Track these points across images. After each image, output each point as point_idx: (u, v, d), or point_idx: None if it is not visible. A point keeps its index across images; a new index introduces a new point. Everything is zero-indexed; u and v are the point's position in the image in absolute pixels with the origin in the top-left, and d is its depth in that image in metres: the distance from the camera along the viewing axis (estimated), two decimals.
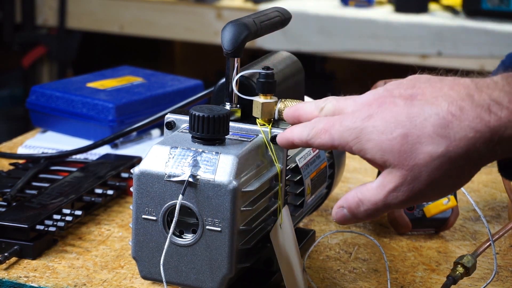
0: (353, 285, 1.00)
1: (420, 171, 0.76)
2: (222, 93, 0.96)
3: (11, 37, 3.01)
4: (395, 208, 0.80)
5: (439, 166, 0.76)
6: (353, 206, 0.81)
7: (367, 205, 0.80)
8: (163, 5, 2.80)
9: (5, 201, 1.12)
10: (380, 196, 0.79)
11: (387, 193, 0.79)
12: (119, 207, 1.19)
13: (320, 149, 0.84)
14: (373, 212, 0.80)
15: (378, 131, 0.78)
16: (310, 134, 0.83)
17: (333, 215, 0.83)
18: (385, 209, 0.80)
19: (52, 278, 0.98)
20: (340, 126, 0.80)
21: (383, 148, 0.77)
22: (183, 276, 0.89)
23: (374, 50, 2.58)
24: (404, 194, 0.78)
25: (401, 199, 0.78)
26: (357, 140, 0.79)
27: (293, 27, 2.55)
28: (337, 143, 0.81)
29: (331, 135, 0.81)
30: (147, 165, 0.88)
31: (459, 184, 0.79)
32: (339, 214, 0.82)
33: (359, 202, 0.81)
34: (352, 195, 0.81)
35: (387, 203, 0.79)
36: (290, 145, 0.87)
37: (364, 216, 0.81)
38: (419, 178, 0.77)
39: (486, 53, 2.48)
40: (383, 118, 0.78)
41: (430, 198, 0.81)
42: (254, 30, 0.94)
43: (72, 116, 1.41)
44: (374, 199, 0.80)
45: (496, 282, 1.02)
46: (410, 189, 0.77)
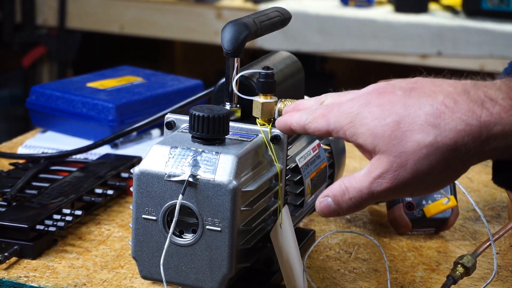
0: (353, 285, 1.00)
1: (407, 159, 0.77)
2: (222, 93, 0.96)
3: (11, 37, 3.01)
4: (379, 199, 0.80)
5: (425, 155, 0.76)
6: (338, 194, 0.81)
7: (352, 193, 0.80)
8: (163, 5, 2.80)
9: (5, 201, 1.12)
10: (366, 183, 0.79)
11: (373, 179, 0.79)
12: (119, 207, 1.19)
13: (315, 135, 0.84)
14: (358, 200, 0.80)
15: (372, 116, 0.79)
16: (308, 118, 0.84)
17: (316, 205, 0.84)
18: (370, 197, 0.80)
19: (52, 278, 0.98)
20: (338, 111, 0.81)
21: (375, 133, 0.78)
22: (183, 276, 0.89)
23: (374, 50, 2.58)
24: (389, 182, 0.78)
25: (386, 186, 0.78)
26: (352, 124, 0.80)
27: (293, 27, 2.55)
28: (332, 127, 0.81)
29: (327, 119, 0.82)
30: (147, 165, 0.88)
31: (444, 181, 0.79)
32: (323, 203, 0.83)
33: (344, 190, 0.81)
34: (338, 184, 0.82)
35: (372, 190, 0.79)
36: (287, 130, 0.87)
37: (348, 205, 0.81)
38: (405, 166, 0.77)
39: (486, 53, 2.48)
40: (380, 105, 0.79)
41: (415, 192, 0.80)
42: (254, 30, 0.94)
43: (72, 116, 1.41)
44: (359, 186, 0.80)
45: (496, 282, 1.02)
46: (396, 177, 0.78)
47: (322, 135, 0.84)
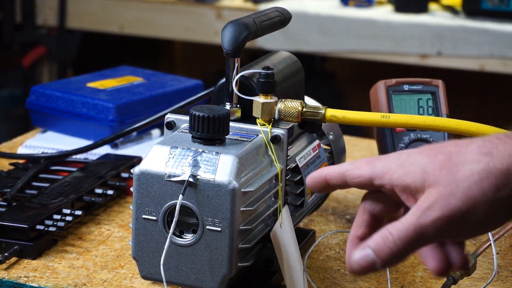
0: (353, 285, 1.00)
1: (458, 186, 0.72)
2: (222, 93, 0.96)
3: (11, 37, 3.01)
4: (429, 236, 0.72)
5: (477, 181, 0.72)
6: (380, 241, 0.73)
7: (397, 234, 0.73)
8: (163, 5, 2.80)
9: (5, 201, 1.12)
10: (413, 219, 0.73)
11: (421, 212, 0.72)
12: (119, 207, 1.19)
13: (354, 183, 0.78)
14: (404, 242, 0.72)
15: (423, 156, 0.75)
16: (349, 166, 0.78)
17: (349, 259, 0.75)
18: (417, 235, 0.72)
19: (52, 278, 0.98)
20: (385, 158, 0.76)
21: (425, 169, 0.74)
22: (183, 276, 0.89)
23: (374, 50, 2.58)
24: (439, 211, 0.72)
25: (435, 216, 0.72)
26: (401, 166, 0.75)
27: (293, 27, 2.55)
28: (378, 172, 0.76)
29: (373, 165, 0.77)
30: (147, 165, 0.88)
31: (495, 217, 0.73)
32: (360, 255, 0.74)
33: (387, 234, 0.73)
34: (379, 232, 0.74)
35: (420, 224, 0.72)
36: (321, 183, 0.80)
37: (392, 251, 0.73)
38: (456, 194, 0.72)
39: (486, 53, 2.48)
40: (430, 149, 0.75)
41: (466, 227, 0.73)
42: (254, 30, 0.94)
43: (72, 116, 1.41)
44: (406, 224, 0.73)
45: (496, 282, 1.02)
46: (446, 205, 0.72)
47: (362, 184, 0.78)
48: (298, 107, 0.93)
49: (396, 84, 1.14)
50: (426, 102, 1.14)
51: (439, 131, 0.94)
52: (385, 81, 1.14)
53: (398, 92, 1.14)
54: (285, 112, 0.93)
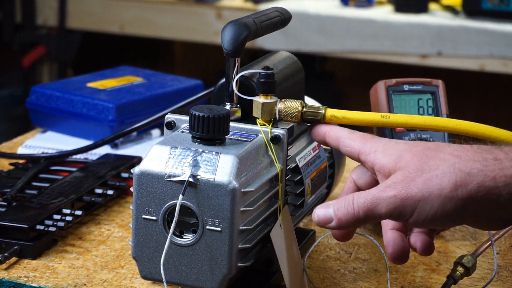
0: (353, 285, 1.00)
1: (421, 175, 0.78)
2: (222, 93, 0.96)
3: (11, 37, 3.01)
4: (382, 210, 0.79)
5: (439, 176, 0.78)
6: (341, 201, 0.82)
7: (357, 199, 0.81)
8: (163, 5, 2.80)
9: (5, 201, 1.12)
10: (374, 191, 0.80)
11: (383, 187, 0.80)
12: (119, 207, 1.19)
13: (344, 151, 0.88)
14: (361, 206, 0.80)
15: (405, 144, 0.82)
16: (347, 135, 0.88)
17: (313, 211, 0.83)
18: (372, 206, 0.80)
19: (52, 278, 0.98)
20: (377, 139, 0.86)
21: (401, 154, 0.81)
22: (183, 276, 0.89)
23: (374, 50, 2.58)
24: (397, 191, 0.79)
25: (392, 193, 0.79)
26: (384, 148, 0.83)
27: (293, 27, 2.55)
28: (366, 149, 0.85)
29: (365, 142, 0.86)
30: (147, 165, 0.88)
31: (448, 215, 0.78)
32: (321, 207, 0.83)
33: (350, 198, 0.81)
34: (345, 196, 0.83)
35: (377, 196, 0.79)
36: (321, 136, 0.91)
37: (348, 211, 0.81)
38: (416, 181, 0.78)
39: (486, 53, 2.48)
40: (416, 141, 0.84)
41: (415, 214, 0.79)
42: (254, 30, 0.94)
43: (72, 116, 1.41)
44: (367, 193, 0.81)
45: (496, 282, 1.02)
46: (404, 188, 0.79)
47: (351, 154, 0.87)
48: (298, 107, 0.93)
49: (396, 84, 1.14)
50: (426, 102, 1.14)
51: (439, 131, 0.94)
52: (385, 81, 1.14)
53: (398, 92, 1.14)
54: (285, 112, 0.93)
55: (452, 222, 0.81)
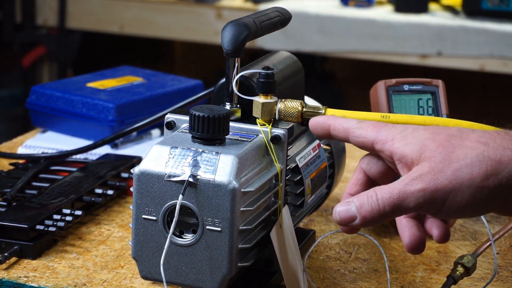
0: (353, 285, 1.00)
1: (449, 165, 0.75)
2: (222, 93, 0.96)
3: (11, 37, 3.01)
4: (410, 205, 0.76)
5: (468, 165, 0.75)
6: (364, 198, 0.78)
7: (381, 194, 0.77)
8: (163, 5, 2.80)
9: (5, 201, 1.12)
10: (400, 184, 0.76)
11: (409, 180, 0.76)
12: (119, 207, 1.19)
13: (355, 142, 0.82)
14: (386, 202, 0.76)
15: (426, 132, 0.79)
16: (356, 124, 0.83)
17: (334, 210, 0.79)
18: (399, 200, 0.76)
19: (52, 278, 0.98)
20: (391, 126, 0.81)
21: (424, 143, 0.77)
22: (183, 276, 0.89)
23: (374, 50, 2.58)
24: (425, 183, 0.75)
25: (420, 187, 0.75)
26: (403, 135, 0.79)
27: (293, 27, 2.55)
28: (381, 137, 0.80)
29: (378, 129, 0.81)
30: (147, 165, 0.88)
31: (479, 205, 0.76)
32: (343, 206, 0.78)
33: (372, 193, 0.77)
34: (366, 191, 0.78)
35: (404, 191, 0.75)
36: (324, 130, 0.86)
37: (372, 208, 0.77)
38: (445, 172, 0.75)
39: (486, 53, 2.48)
40: (436, 127, 0.79)
41: (446, 206, 0.76)
42: (254, 30, 0.94)
43: (72, 116, 1.41)
44: (392, 187, 0.76)
45: (496, 282, 1.02)
46: (433, 180, 0.75)
47: (364, 145, 0.82)
48: (298, 107, 0.93)
49: (396, 84, 1.14)
50: (426, 102, 1.14)
51: None
52: (385, 81, 1.14)
53: (398, 92, 1.14)
54: (285, 112, 0.93)
55: (480, 212, 0.78)
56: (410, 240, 0.80)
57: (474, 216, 0.79)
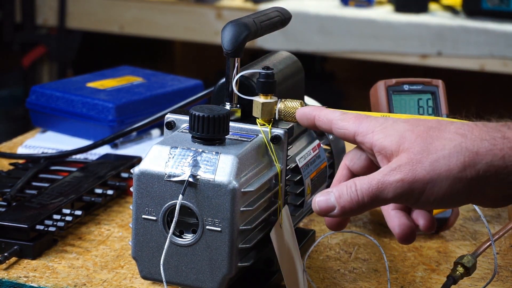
0: (353, 285, 1.00)
1: (427, 156, 0.76)
2: (222, 93, 0.96)
3: (11, 37, 3.01)
4: (389, 195, 0.76)
5: (446, 156, 0.76)
6: (343, 188, 0.79)
7: (360, 184, 0.78)
8: (163, 5, 2.80)
9: (5, 201, 1.12)
10: (379, 175, 0.77)
11: (388, 171, 0.77)
12: (119, 207, 1.19)
13: (337, 133, 0.83)
14: (365, 192, 0.77)
15: (406, 124, 0.79)
16: (339, 116, 0.84)
17: (313, 200, 0.80)
18: (378, 191, 0.77)
19: (52, 278, 0.98)
20: (373, 119, 0.82)
21: (403, 135, 0.78)
22: (183, 276, 0.89)
23: (374, 50, 2.58)
24: (403, 173, 0.76)
25: (399, 177, 0.76)
26: (383, 127, 0.80)
27: (293, 27, 2.55)
28: (362, 130, 0.81)
29: (360, 122, 0.82)
30: (147, 165, 0.88)
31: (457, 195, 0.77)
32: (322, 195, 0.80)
33: (351, 184, 0.78)
34: (345, 182, 0.79)
35: (383, 181, 0.77)
36: (310, 121, 0.87)
37: (351, 198, 0.78)
38: (423, 163, 0.76)
39: (486, 53, 2.48)
40: (415, 119, 0.80)
41: (424, 197, 0.77)
42: (254, 30, 0.94)
43: (72, 116, 1.41)
44: (371, 177, 0.77)
45: (496, 282, 1.02)
46: (411, 170, 0.76)
47: (345, 136, 0.83)
48: (298, 107, 0.93)
49: (396, 84, 1.14)
50: (426, 102, 1.14)
51: None
52: (385, 81, 1.14)
53: (398, 92, 1.14)
54: (285, 112, 0.93)
55: (459, 203, 0.79)
56: (400, 229, 0.81)
57: (454, 207, 0.80)
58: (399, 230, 0.81)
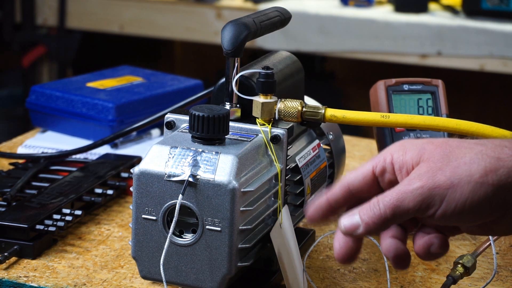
0: (353, 285, 1.00)
1: (448, 163, 0.75)
2: (222, 93, 0.96)
3: (11, 37, 3.01)
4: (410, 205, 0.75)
5: (467, 162, 0.75)
6: (367, 206, 0.77)
7: (382, 199, 0.76)
8: (163, 5, 2.80)
9: (5, 201, 1.12)
10: (399, 186, 0.76)
11: (408, 181, 0.76)
12: (119, 207, 1.19)
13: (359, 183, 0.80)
14: (386, 206, 0.75)
15: (425, 140, 0.79)
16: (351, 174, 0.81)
17: (340, 222, 0.78)
18: (398, 201, 0.75)
19: (52, 278, 0.98)
20: (387, 148, 0.80)
21: (423, 147, 0.77)
22: (183, 276, 0.89)
23: (374, 50, 2.58)
24: (423, 181, 0.75)
25: (419, 184, 0.75)
26: (402, 147, 0.79)
27: (293, 27, 2.55)
28: (379, 158, 0.79)
29: (373, 158, 0.80)
30: (147, 165, 0.88)
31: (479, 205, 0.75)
32: (347, 216, 0.78)
33: (375, 200, 0.77)
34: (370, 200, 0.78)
35: (403, 190, 0.75)
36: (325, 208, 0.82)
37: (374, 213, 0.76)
38: (444, 169, 0.75)
39: (486, 53, 2.48)
40: (436, 139, 0.79)
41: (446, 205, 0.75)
42: (254, 30, 0.94)
43: (72, 116, 1.41)
44: (392, 190, 0.76)
45: (496, 282, 1.02)
46: (431, 177, 0.75)
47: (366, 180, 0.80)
48: (298, 107, 0.93)
49: (396, 84, 1.14)
50: (426, 102, 1.14)
51: (439, 131, 0.94)
52: (385, 81, 1.14)
53: (398, 92, 1.14)
54: (285, 112, 0.93)
55: (480, 213, 0.76)
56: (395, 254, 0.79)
57: (474, 220, 0.77)
58: (393, 254, 0.79)
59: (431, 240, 0.79)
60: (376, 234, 0.79)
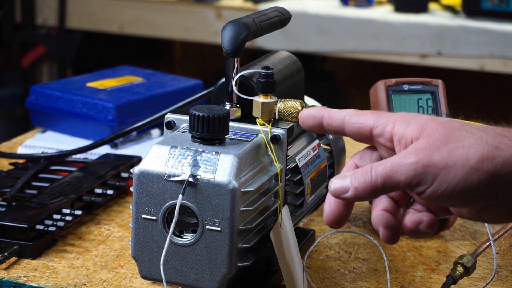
0: (353, 285, 1.00)
1: (446, 144, 0.75)
2: (222, 93, 0.96)
3: (11, 37, 3.01)
4: (402, 178, 0.75)
5: (466, 145, 0.75)
6: (359, 171, 0.77)
7: (375, 167, 0.76)
8: (163, 5, 2.80)
9: (5, 201, 1.12)
10: (394, 158, 0.76)
11: (404, 154, 0.76)
12: (119, 207, 1.19)
13: (351, 132, 0.82)
14: (378, 175, 0.76)
15: (428, 116, 0.79)
16: (353, 112, 0.82)
17: (330, 182, 0.79)
18: (391, 172, 0.75)
19: (52, 278, 0.98)
20: (392, 113, 0.81)
21: (425, 124, 0.78)
22: (183, 276, 0.89)
23: (374, 50, 2.58)
24: (419, 157, 0.75)
25: (414, 159, 0.75)
26: (405, 118, 0.79)
27: (293, 27, 2.55)
28: (382, 122, 0.80)
29: (378, 116, 0.81)
30: (147, 165, 0.88)
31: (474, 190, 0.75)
32: (337, 177, 0.78)
33: (368, 167, 0.77)
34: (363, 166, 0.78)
35: (397, 162, 0.75)
36: (317, 122, 0.84)
37: (365, 180, 0.77)
38: (441, 149, 0.75)
39: (486, 53, 2.48)
40: (440, 118, 0.79)
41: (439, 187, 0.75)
42: (254, 30, 0.94)
43: (72, 116, 1.41)
44: (387, 160, 0.76)
45: (496, 282, 1.02)
46: (427, 155, 0.75)
47: (361, 130, 0.81)
48: (298, 107, 0.93)
49: (396, 84, 1.14)
50: (426, 102, 1.14)
51: None
52: (385, 81, 1.14)
53: (398, 92, 1.14)
54: (285, 112, 0.93)
55: (469, 199, 0.76)
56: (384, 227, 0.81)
57: (462, 204, 0.77)
58: (383, 226, 0.81)
59: (420, 218, 0.80)
60: (363, 201, 0.80)
